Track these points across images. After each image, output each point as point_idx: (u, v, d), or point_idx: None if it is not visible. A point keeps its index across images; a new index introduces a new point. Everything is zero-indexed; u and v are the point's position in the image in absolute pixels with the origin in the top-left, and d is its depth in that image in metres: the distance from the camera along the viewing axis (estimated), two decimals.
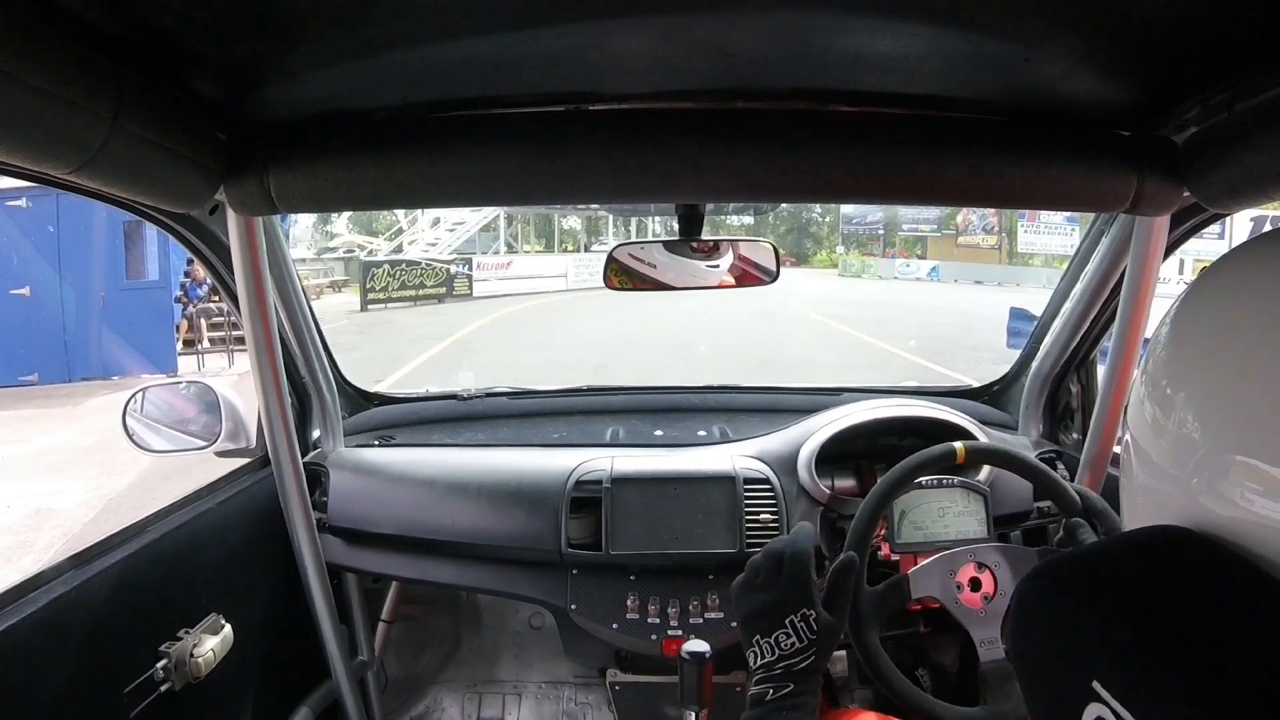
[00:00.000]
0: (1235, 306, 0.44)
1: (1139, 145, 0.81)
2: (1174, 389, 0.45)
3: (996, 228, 25.38)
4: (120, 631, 0.97)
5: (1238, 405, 0.41)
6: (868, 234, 29.90)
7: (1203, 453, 0.42)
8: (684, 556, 1.29)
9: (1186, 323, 0.47)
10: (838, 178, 0.79)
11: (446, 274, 16.04)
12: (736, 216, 6.06)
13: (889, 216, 28.07)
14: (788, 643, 0.75)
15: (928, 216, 26.80)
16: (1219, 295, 0.46)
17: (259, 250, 1.07)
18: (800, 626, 0.76)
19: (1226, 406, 0.42)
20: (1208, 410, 0.43)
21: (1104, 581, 0.42)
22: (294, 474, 1.25)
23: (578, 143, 0.78)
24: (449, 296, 15.86)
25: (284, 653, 1.35)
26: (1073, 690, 0.39)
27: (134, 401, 1.31)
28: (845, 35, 0.68)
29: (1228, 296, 0.45)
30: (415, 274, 15.37)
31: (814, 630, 0.76)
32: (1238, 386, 0.41)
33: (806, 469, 1.34)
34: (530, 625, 1.78)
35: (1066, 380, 1.49)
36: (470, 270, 16.83)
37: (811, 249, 33.63)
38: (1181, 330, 0.47)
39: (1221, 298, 0.45)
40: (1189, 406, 0.44)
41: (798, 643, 0.75)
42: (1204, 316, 0.46)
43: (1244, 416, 0.41)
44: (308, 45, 0.67)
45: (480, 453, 1.46)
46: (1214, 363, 0.43)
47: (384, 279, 14.73)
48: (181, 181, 0.73)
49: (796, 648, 0.75)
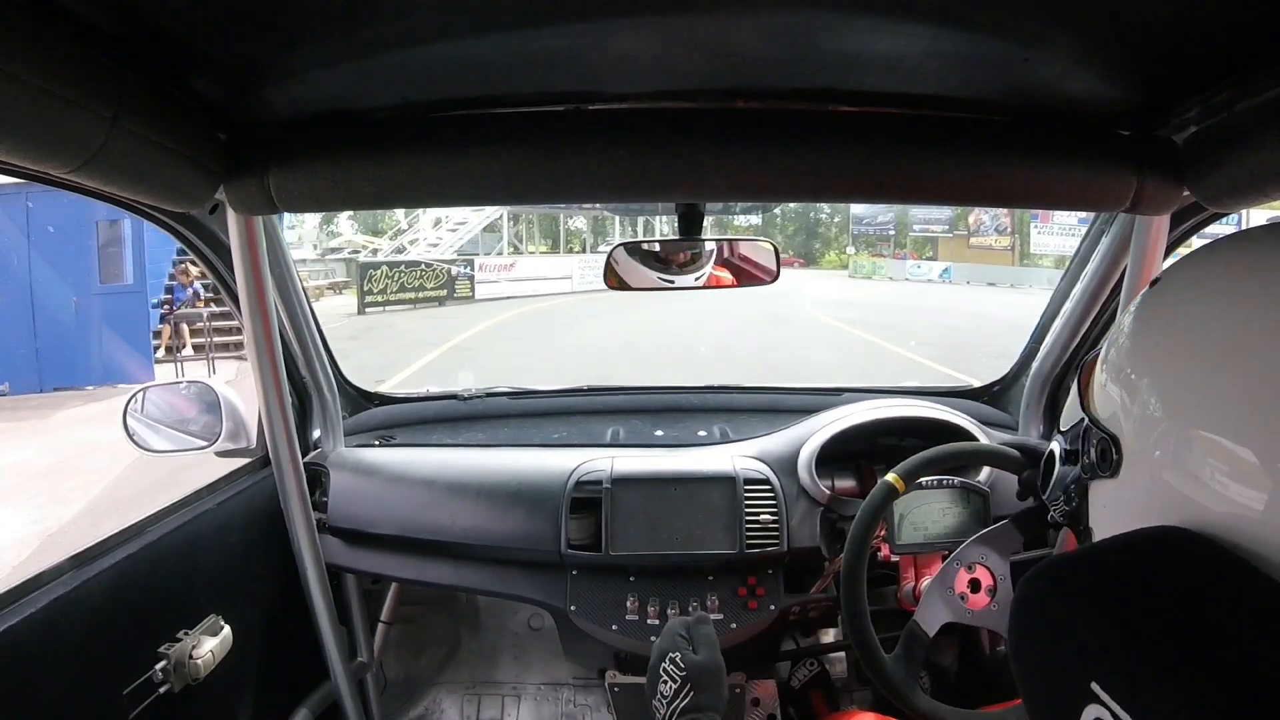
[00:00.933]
0: (1195, 300, 0.48)
1: (1139, 145, 0.81)
2: (1137, 374, 0.49)
3: (1009, 229, 24.98)
4: (119, 633, 0.97)
5: (1201, 386, 0.44)
6: (878, 234, 29.42)
7: (1163, 428, 0.46)
8: (684, 557, 1.29)
9: (1149, 313, 0.51)
10: (837, 178, 0.79)
11: (447, 275, 15.63)
12: (743, 217, 6.03)
13: (900, 217, 27.57)
14: (668, 687, 0.82)
15: (939, 217, 26.30)
16: (1181, 291, 0.50)
17: (259, 250, 1.07)
18: (670, 670, 0.83)
19: (1189, 388, 0.45)
20: (1170, 391, 0.46)
21: (1102, 582, 0.42)
22: (294, 474, 1.25)
23: (577, 143, 0.78)
24: (450, 299, 15.48)
25: (283, 654, 1.35)
26: (1071, 691, 0.39)
27: (134, 401, 1.31)
28: (845, 35, 0.68)
29: (1188, 291, 0.49)
30: (415, 275, 14.98)
31: (681, 668, 0.82)
32: (1200, 370, 0.44)
33: (807, 469, 1.34)
34: (530, 626, 1.78)
35: (1067, 380, 1.49)
36: (472, 271, 16.36)
37: (819, 250, 33.40)
38: (1144, 320, 0.51)
39: (1183, 293, 0.49)
40: (1151, 389, 0.47)
41: (673, 684, 0.82)
42: (1165, 308, 0.50)
43: (1207, 397, 0.43)
44: (308, 45, 0.67)
45: (480, 453, 1.46)
46: (1177, 348, 0.47)
47: (382, 281, 14.32)
48: (181, 181, 0.74)
49: (675, 688, 0.82)
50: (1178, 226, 1.12)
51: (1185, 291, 0.49)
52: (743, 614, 1.29)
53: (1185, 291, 0.49)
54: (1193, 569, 0.40)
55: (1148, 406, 0.47)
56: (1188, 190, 0.80)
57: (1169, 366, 0.47)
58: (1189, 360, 0.45)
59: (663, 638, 0.89)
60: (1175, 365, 0.46)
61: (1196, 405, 0.44)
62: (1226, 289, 0.46)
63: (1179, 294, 0.49)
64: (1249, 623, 0.37)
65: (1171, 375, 0.47)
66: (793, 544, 1.30)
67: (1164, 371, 0.47)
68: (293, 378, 1.35)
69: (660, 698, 0.83)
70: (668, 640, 0.87)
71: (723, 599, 1.29)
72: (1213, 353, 0.44)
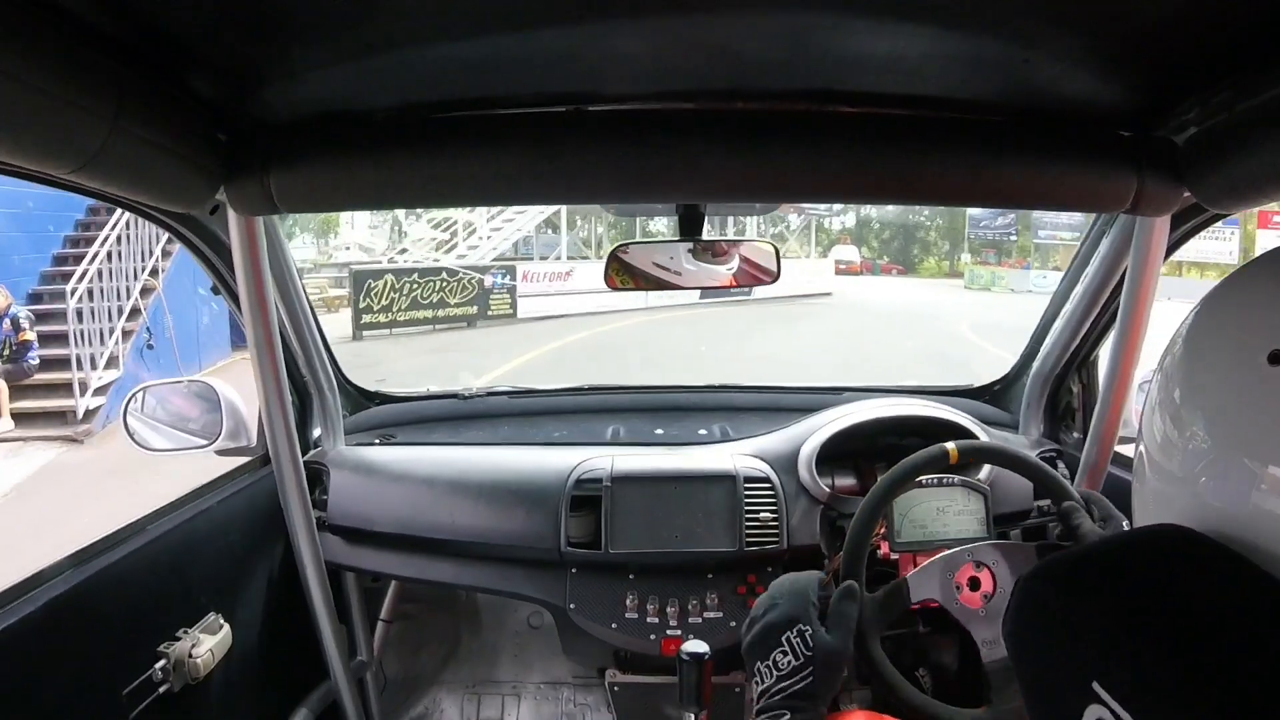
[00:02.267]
0: (1253, 315, 0.45)
1: (1139, 145, 0.81)
2: (1187, 394, 0.46)
3: None
4: (119, 631, 0.97)
5: (1248, 409, 0.42)
6: (999, 238, 25.58)
7: (1213, 455, 0.43)
8: (683, 555, 1.29)
9: (1203, 330, 0.48)
10: (837, 178, 0.79)
11: (479, 287, 12.02)
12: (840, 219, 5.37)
13: (1021, 219, 23.72)
14: (784, 661, 0.73)
15: (1068, 222, 21.72)
16: (1238, 305, 0.47)
17: (259, 250, 1.07)
18: (796, 642, 0.74)
19: (1237, 409, 0.43)
20: (1218, 413, 0.44)
21: (1104, 582, 0.42)
22: (294, 473, 1.25)
23: (577, 143, 0.78)
24: (482, 318, 12.02)
25: (283, 653, 1.35)
26: (1073, 691, 0.39)
27: (135, 400, 1.32)
28: (845, 36, 0.68)
29: (1246, 306, 0.46)
30: (433, 288, 11.48)
31: (810, 646, 0.73)
32: (1250, 391, 0.42)
33: (807, 468, 1.34)
34: (529, 625, 1.78)
35: (1067, 380, 1.49)
36: (513, 281, 12.51)
37: (918, 256, 30.25)
38: (1198, 337, 0.48)
39: (1240, 308, 0.46)
40: (1201, 410, 0.45)
41: (794, 660, 0.73)
42: (1221, 325, 0.47)
43: (1253, 420, 0.41)
44: (308, 45, 0.67)
45: (480, 451, 1.47)
46: (1229, 368, 0.44)
47: (386, 294, 10.95)
48: (182, 181, 0.74)
49: (793, 666, 0.73)
50: (1178, 227, 1.12)
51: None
52: (743, 613, 1.28)
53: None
54: (1194, 568, 0.40)
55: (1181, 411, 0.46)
56: (1188, 191, 0.80)
57: (1214, 384, 0.45)
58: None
59: (791, 596, 0.77)
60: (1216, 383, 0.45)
61: (1232, 422, 0.43)
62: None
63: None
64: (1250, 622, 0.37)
65: (1215, 392, 0.45)
66: (793, 542, 1.30)
67: (1208, 389, 0.46)
68: (293, 377, 1.35)
69: (768, 667, 0.73)
70: (798, 604, 0.76)
71: (722, 597, 1.29)
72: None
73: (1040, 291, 21.47)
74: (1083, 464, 1.30)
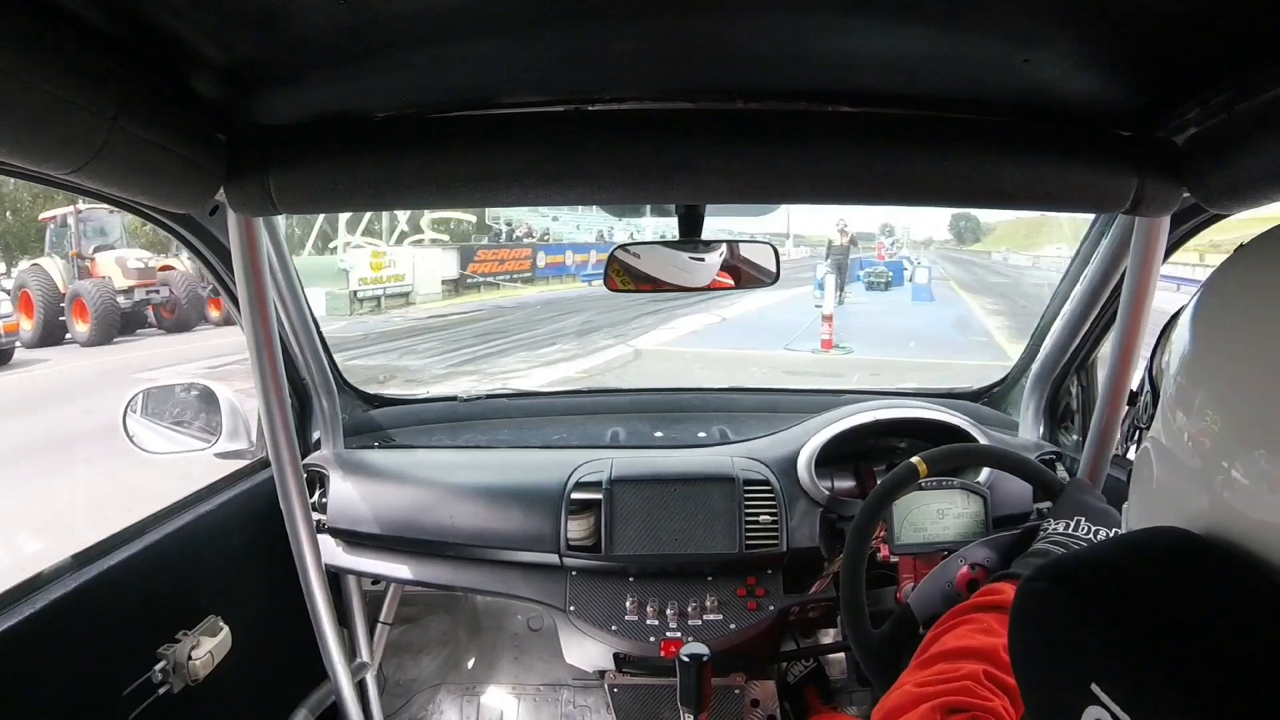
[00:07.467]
0: (1258, 300, 0.43)
1: (1139, 146, 0.81)
2: (1197, 386, 0.44)
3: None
4: (119, 633, 0.97)
5: (1264, 401, 0.40)
6: None
7: (1227, 450, 0.41)
8: (683, 558, 1.29)
9: (1208, 319, 0.46)
10: (837, 178, 0.79)
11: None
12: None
13: None
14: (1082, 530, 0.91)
15: None
16: (1240, 289, 0.45)
17: (259, 250, 1.07)
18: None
19: (1252, 403, 0.41)
20: (1233, 406, 0.42)
21: (1103, 584, 0.42)
22: (294, 475, 1.25)
23: (577, 143, 0.78)
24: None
25: (282, 655, 1.35)
26: (1072, 692, 0.39)
27: (134, 402, 1.32)
28: (845, 35, 0.69)
29: (1249, 290, 0.44)
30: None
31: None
32: (1263, 382, 0.40)
33: (806, 470, 1.34)
34: (529, 627, 1.78)
35: (1066, 382, 1.49)
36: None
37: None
38: (1204, 326, 0.46)
39: (1243, 292, 0.45)
40: (1213, 403, 0.43)
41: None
42: (1228, 311, 0.45)
43: (1269, 412, 0.40)
44: (308, 46, 0.67)
45: (480, 454, 1.46)
46: (1240, 358, 0.43)
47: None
48: (182, 182, 0.73)
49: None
50: (1178, 228, 1.12)
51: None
52: (742, 614, 1.28)
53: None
54: (1194, 570, 0.40)
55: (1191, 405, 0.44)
56: (1188, 191, 0.80)
57: (1226, 374, 0.43)
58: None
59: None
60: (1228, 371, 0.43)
61: (1248, 415, 0.41)
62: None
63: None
64: (1250, 624, 0.36)
65: (1226, 384, 0.43)
66: (792, 544, 1.30)
67: (1220, 381, 0.44)
68: (293, 379, 1.35)
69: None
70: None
71: (722, 599, 1.28)
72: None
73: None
74: (1082, 466, 1.29)
